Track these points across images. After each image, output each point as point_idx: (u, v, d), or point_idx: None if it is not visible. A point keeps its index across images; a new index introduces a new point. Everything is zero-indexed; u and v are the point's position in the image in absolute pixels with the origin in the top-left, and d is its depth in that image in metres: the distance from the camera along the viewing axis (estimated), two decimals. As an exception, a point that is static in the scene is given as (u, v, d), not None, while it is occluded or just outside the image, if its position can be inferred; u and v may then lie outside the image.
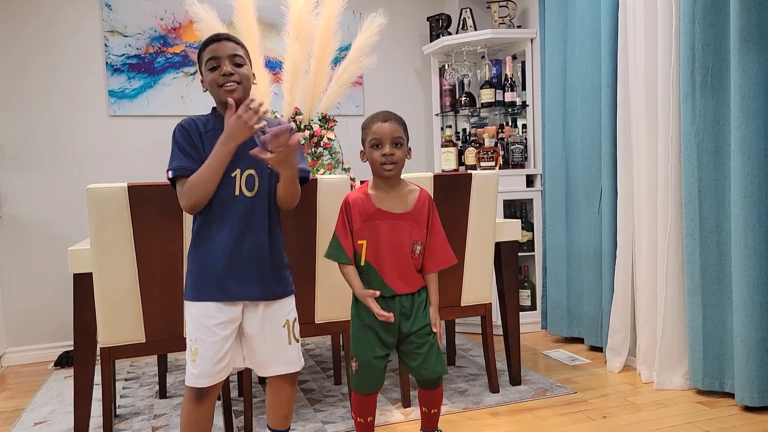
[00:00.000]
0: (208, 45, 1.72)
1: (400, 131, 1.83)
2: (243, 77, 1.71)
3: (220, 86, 1.69)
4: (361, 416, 1.96)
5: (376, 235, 1.86)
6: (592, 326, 3.13)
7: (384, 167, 1.82)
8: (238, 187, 1.70)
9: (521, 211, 3.74)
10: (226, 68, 1.68)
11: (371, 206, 1.86)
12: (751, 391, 2.24)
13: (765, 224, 2.25)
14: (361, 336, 1.89)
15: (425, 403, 2.00)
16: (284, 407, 1.87)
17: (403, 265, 1.88)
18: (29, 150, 3.43)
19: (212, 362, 1.68)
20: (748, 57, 2.22)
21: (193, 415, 1.71)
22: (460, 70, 3.81)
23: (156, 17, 3.59)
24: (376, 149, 1.83)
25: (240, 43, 1.75)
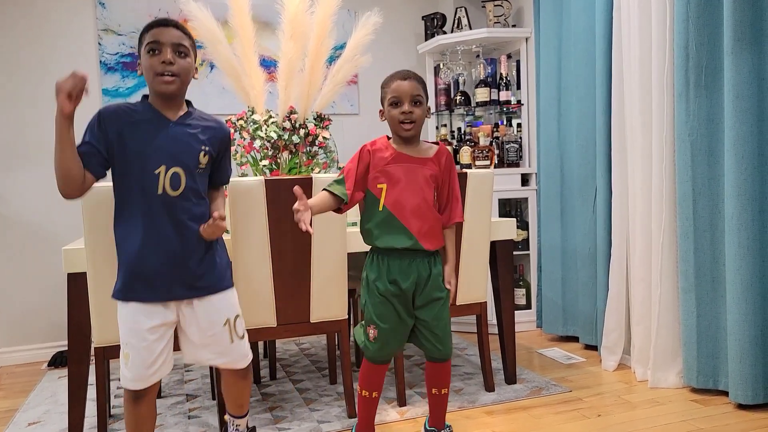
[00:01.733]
0: (152, 27, 1.63)
1: (419, 89, 1.81)
2: (182, 69, 1.63)
3: (157, 74, 1.60)
4: (367, 389, 1.91)
5: (396, 179, 1.81)
6: (586, 325, 3.14)
7: (403, 125, 1.81)
8: (161, 185, 1.62)
9: (516, 210, 3.75)
10: (167, 56, 1.60)
11: (391, 150, 1.84)
12: (745, 389, 2.25)
13: (758, 223, 2.26)
14: (376, 304, 1.84)
15: (434, 383, 1.96)
16: (237, 398, 1.86)
17: (425, 211, 1.82)
18: (22, 149, 3.41)
19: (144, 366, 1.64)
20: (741, 56, 2.23)
21: (133, 415, 1.70)
22: (455, 69, 3.81)
23: (150, 15, 3.57)
24: (395, 107, 1.81)
25: (188, 34, 1.67)
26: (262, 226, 2.18)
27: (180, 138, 1.65)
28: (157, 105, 1.67)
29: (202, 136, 1.71)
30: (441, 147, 1.91)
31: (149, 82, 1.64)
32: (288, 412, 2.44)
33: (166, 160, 1.63)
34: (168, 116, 1.67)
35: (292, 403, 2.54)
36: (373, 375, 1.91)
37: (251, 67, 2.72)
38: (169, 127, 1.66)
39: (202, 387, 2.80)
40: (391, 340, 1.86)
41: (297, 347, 3.46)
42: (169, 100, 1.67)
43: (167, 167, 1.63)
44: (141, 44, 1.65)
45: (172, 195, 1.64)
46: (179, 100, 1.70)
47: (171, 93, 1.63)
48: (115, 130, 1.62)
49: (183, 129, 1.68)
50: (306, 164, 2.72)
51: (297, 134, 2.69)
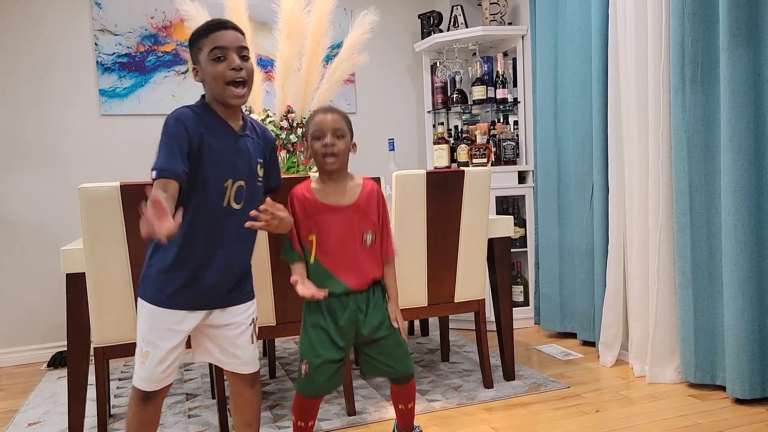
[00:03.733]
0: (212, 31, 1.55)
1: (342, 123, 1.81)
2: (250, 74, 1.58)
3: (227, 83, 1.55)
4: (302, 420, 1.87)
5: (322, 230, 1.82)
6: (584, 321, 3.15)
7: (326, 159, 1.79)
8: (227, 198, 1.60)
9: (513, 207, 3.76)
10: (236, 62, 1.54)
11: (314, 201, 1.83)
12: (743, 384, 2.26)
13: (755, 218, 2.27)
14: (312, 337, 1.82)
15: (400, 400, 1.96)
16: (246, 413, 1.77)
17: (353, 257, 1.83)
18: (20, 150, 3.41)
19: (161, 367, 1.61)
20: (737, 52, 2.24)
21: (138, 417, 1.65)
22: (452, 68, 3.81)
23: (146, 15, 3.58)
24: (317, 141, 1.80)
25: (244, 34, 1.62)
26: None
27: (244, 151, 1.62)
28: (222, 113, 1.62)
29: (259, 148, 1.69)
30: (366, 185, 1.89)
31: (216, 90, 1.57)
32: (287, 410, 2.45)
33: (233, 173, 1.59)
34: (233, 126, 1.63)
35: (291, 401, 2.55)
36: (305, 407, 1.87)
37: (248, 67, 2.72)
38: (236, 139, 1.62)
39: (202, 386, 2.81)
40: (322, 375, 1.81)
41: (296, 345, 3.47)
42: (233, 107, 1.62)
43: (233, 180, 1.60)
44: (198, 49, 1.57)
45: (235, 208, 1.61)
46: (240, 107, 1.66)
47: (242, 103, 1.60)
48: (197, 138, 1.55)
49: (245, 141, 1.64)
50: (304, 163, 2.73)
51: (294, 133, 2.69)
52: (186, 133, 1.52)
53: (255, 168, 1.66)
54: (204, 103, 1.63)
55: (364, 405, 2.45)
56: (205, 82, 1.59)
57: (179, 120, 1.53)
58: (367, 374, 1.95)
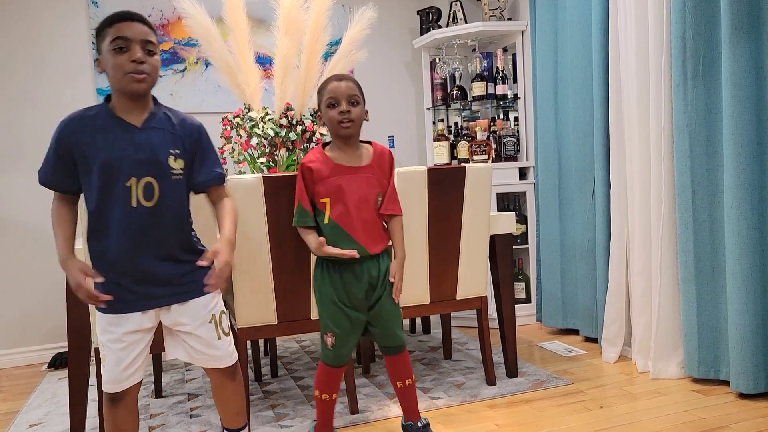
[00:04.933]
0: (116, 22, 1.51)
1: (355, 90, 1.85)
2: (153, 68, 1.53)
3: (126, 73, 1.49)
4: (327, 392, 1.93)
5: (339, 191, 1.84)
6: (587, 317, 3.14)
7: (341, 125, 1.83)
8: (135, 198, 1.54)
9: (514, 204, 3.75)
10: (137, 54, 1.49)
11: (330, 162, 1.86)
12: (746, 379, 2.25)
13: (758, 212, 2.26)
14: (331, 311, 1.88)
15: (397, 376, 1.99)
16: (231, 404, 1.76)
17: (370, 219, 1.88)
18: (17, 151, 3.39)
19: (119, 369, 1.58)
20: (738, 45, 2.22)
21: (110, 419, 1.64)
22: (451, 64, 3.80)
23: (143, 14, 3.55)
24: (332, 108, 1.83)
25: (153, 29, 1.57)
26: (261, 222, 2.17)
27: (146, 145, 1.55)
28: (121, 108, 1.56)
29: (170, 139, 1.60)
30: (377, 148, 1.94)
31: (116, 81, 1.52)
32: (290, 409, 2.44)
33: (135, 171, 1.53)
34: (132, 121, 1.56)
35: (293, 400, 2.54)
36: (332, 379, 1.94)
37: (247, 64, 2.71)
38: (134, 134, 1.55)
39: (203, 386, 2.80)
40: (347, 344, 1.91)
41: (297, 344, 3.46)
42: (136, 100, 1.56)
43: (138, 178, 1.54)
44: (101, 39, 1.52)
45: (147, 206, 1.55)
46: (146, 99, 1.59)
47: (142, 92, 1.54)
48: (79, 148, 1.53)
49: (149, 134, 1.57)
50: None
51: (294, 131, 2.68)
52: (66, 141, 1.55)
53: (165, 161, 1.57)
54: (104, 103, 1.59)
55: (366, 404, 2.44)
56: (106, 73, 1.54)
57: (60, 134, 1.55)
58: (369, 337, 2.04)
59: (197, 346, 1.66)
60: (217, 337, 1.68)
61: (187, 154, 1.64)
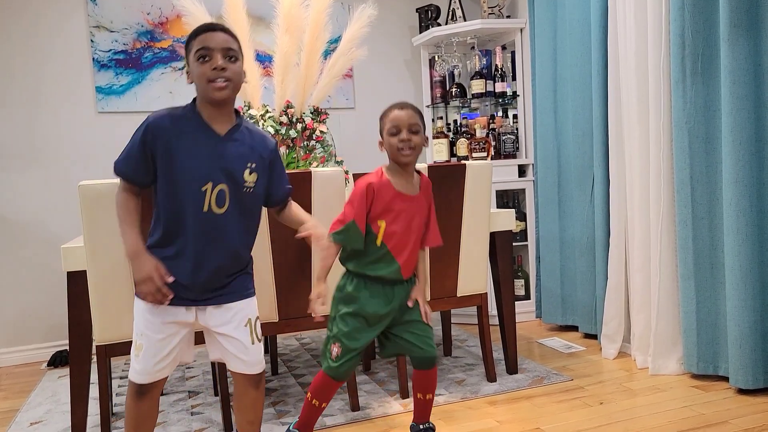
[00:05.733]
0: (200, 33, 1.59)
1: (416, 118, 1.90)
2: (235, 74, 1.60)
3: (209, 81, 1.56)
4: (318, 399, 1.94)
5: (397, 217, 1.88)
6: (586, 314, 3.15)
7: (402, 152, 1.87)
8: (207, 203, 1.59)
9: (513, 201, 3.75)
10: (219, 62, 1.56)
11: (392, 189, 1.90)
12: (745, 374, 2.26)
13: (756, 209, 2.27)
14: (350, 324, 1.88)
15: (420, 388, 2.01)
16: (249, 412, 1.77)
17: (414, 247, 1.93)
18: (17, 149, 3.39)
19: (154, 360, 1.63)
20: (737, 43, 2.23)
21: (134, 410, 1.68)
22: (450, 61, 3.80)
23: (143, 12, 3.55)
24: (394, 136, 1.87)
25: (235, 36, 1.63)
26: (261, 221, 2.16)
27: (227, 155, 1.61)
28: (207, 114, 1.62)
29: (248, 153, 1.66)
30: (424, 179, 1.99)
31: (201, 89, 1.59)
32: (291, 406, 2.44)
33: (213, 176, 1.59)
34: (217, 129, 1.62)
35: (294, 397, 2.55)
36: (328, 388, 1.93)
37: (247, 62, 2.70)
38: (217, 143, 1.61)
39: (204, 383, 2.80)
40: (353, 360, 1.90)
41: (297, 342, 3.47)
42: (220, 107, 1.61)
43: (214, 184, 1.59)
44: (188, 51, 1.60)
45: (218, 212, 1.60)
46: (229, 108, 1.65)
47: (224, 99, 1.59)
48: (163, 145, 1.57)
49: (230, 145, 1.63)
50: (304, 158, 2.72)
51: (294, 129, 2.68)
52: (150, 140, 1.57)
53: (241, 173, 1.63)
54: (192, 105, 1.64)
55: (367, 400, 2.45)
56: (194, 83, 1.61)
57: (149, 126, 1.58)
58: (385, 356, 2.05)
59: (230, 348, 1.68)
60: (251, 342, 1.70)
61: (262, 169, 1.68)
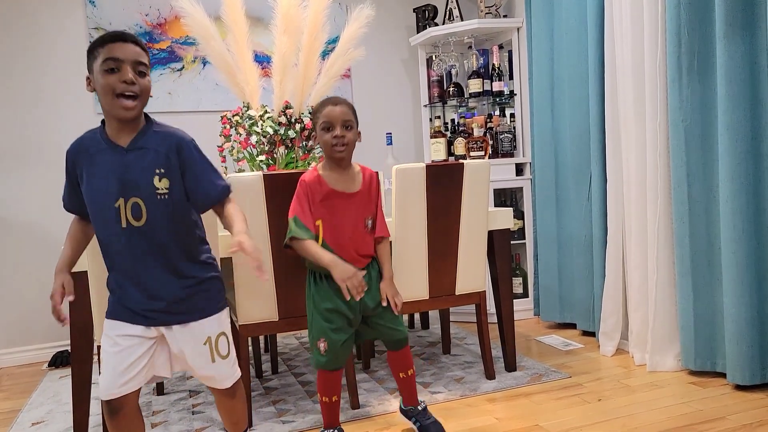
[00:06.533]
0: (108, 42, 1.49)
1: (350, 114, 1.92)
2: (143, 90, 1.52)
3: (117, 95, 1.48)
4: (327, 395, 1.99)
5: (332, 215, 1.93)
6: (584, 311, 3.17)
7: (335, 149, 1.90)
8: (124, 219, 1.54)
9: (511, 199, 3.77)
10: (128, 75, 1.48)
11: (326, 186, 1.93)
12: (743, 371, 2.28)
13: (753, 206, 2.28)
14: (326, 318, 1.94)
15: (398, 368, 2.09)
16: (230, 416, 1.77)
17: (359, 240, 1.97)
18: (16, 150, 3.40)
19: (114, 374, 1.56)
20: (733, 41, 2.25)
21: (111, 428, 1.62)
22: (448, 61, 3.82)
23: (141, 13, 3.56)
24: (327, 132, 1.90)
25: (146, 50, 1.56)
26: (261, 219, 2.18)
27: (132, 166, 1.54)
28: (111, 130, 1.55)
29: (154, 158, 1.56)
30: (365, 172, 2.01)
31: (106, 103, 1.51)
32: (291, 405, 2.46)
33: (122, 192, 1.53)
34: (120, 143, 1.55)
35: (295, 396, 2.56)
36: (330, 382, 2.00)
37: (245, 63, 2.72)
38: (122, 156, 1.54)
39: (205, 383, 2.81)
40: (340, 348, 1.96)
41: (297, 341, 3.48)
42: (124, 123, 1.55)
43: (126, 199, 1.53)
44: (93, 58, 1.51)
45: (137, 225, 1.54)
46: (136, 120, 1.57)
47: (131, 118, 1.53)
48: (79, 170, 1.57)
49: (134, 155, 1.55)
50: (302, 159, 2.73)
51: (293, 129, 2.69)
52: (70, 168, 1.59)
53: (150, 181, 1.54)
54: (101, 124, 1.59)
55: (367, 398, 2.46)
56: (97, 93, 1.53)
57: (67, 155, 1.59)
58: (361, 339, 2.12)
59: (194, 365, 1.64)
60: (211, 360, 1.64)
61: (172, 172, 1.57)
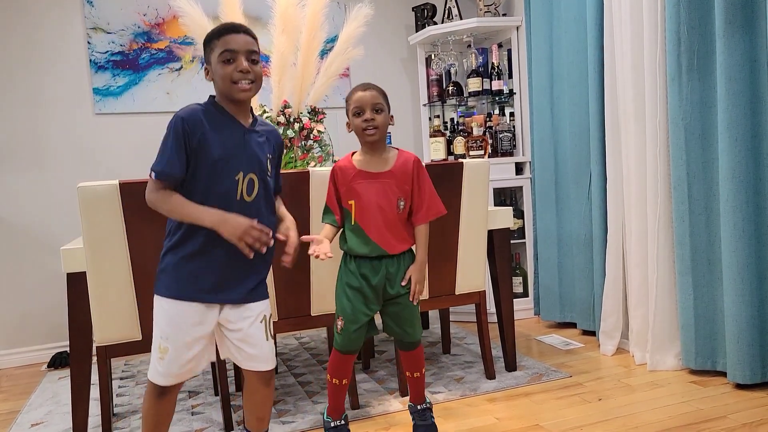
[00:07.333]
0: (223, 34, 1.62)
1: (379, 98, 1.96)
2: (257, 76, 1.65)
3: (234, 83, 1.61)
4: (337, 377, 2.02)
5: (360, 195, 1.95)
6: (584, 311, 3.16)
7: (366, 132, 1.93)
8: (239, 191, 1.64)
9: (511, 198, 3.76)
10: (243, 65, 1.60)
11: (353, 169, 1.97)
12: (743, 369, 2.28)
13: (753, 205, 2.28)
14: (348, 296, 1.97)
15: (408, 367, 2.10)
16: (259, 409, 1.79)
17: (390, 221, 1.96)
18: (14, 151, 3.39)
19: (180, 363, 1.64)
20: (733, 39, 2.24)
21: (154, 410, 1.70)
22: (447, 60, 3.81)
23: (139, 13, 3.55)
24: (358, 117, 1.94)
25: (256, 38, 1.67)
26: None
27: (252, 145, 1.67)
28: (231, 110, 1.67)
29: (267, 143, 1.73)
30: (402, 154, 2.02)
31: (224, 89, 1.63)
32: (291, 405, 2.45)
33: (243, 166, 1.64)
34: (242, 122, 1.68)
35: (294, 396, 2.55)
36: (342, 364, 2.02)
37: (244, 63, 2.71)
38: (244, 134, 1.67)
39: (204, 383, 2.81)
40: (356, 327, 1.98)
41: (297, 341, 3.47)
42: (241, 105, 1.67)
43: (244, 173, 1.64)
44: (210, 50, 1.64)
45: (248, 201, 1.65)
46: (249, 104, 1.71)
47: (248, 99, 1.65)
48: (198, 137, 1.60)
49: (254, 135, 1.69)
50: (301, 158, 2.72)
51: (292, 128, 2.69)
52: (187, 133, 1.58)
53: (265, 162, 1.70)
54: (213, 101, 1.68)
55: (367, 399, 2.46)
56: (215, 81, 1.65)
57: (183, 119, 1.58)
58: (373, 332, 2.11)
59: (243, 345, 1.69)
60: (265, 338, 1.72)
61: (274, 159, 1.75)
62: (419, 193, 2.00)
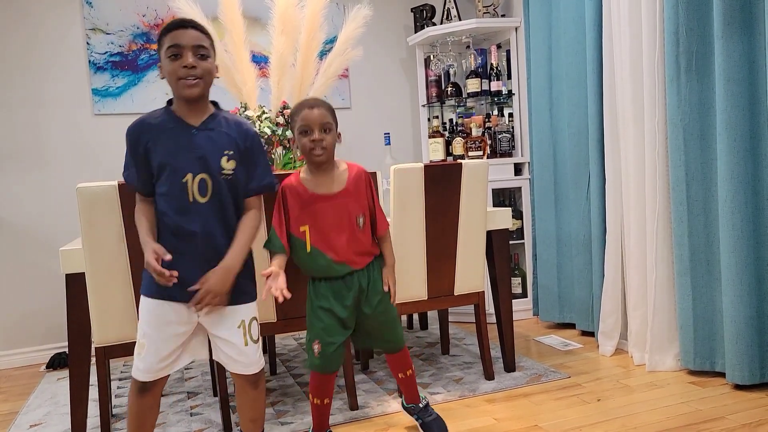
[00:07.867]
0: (171, 30, 1.61)
1: (328, 116, 1.86)
2: (205, 72, 1.62)
3: (179, 79, 1.60)
4: (319, 397, 1.99)
5: (316, 219, 1.89)
6: (583, 311, 3.16)
7: (313, 152, 1.85)
8: (190, 194, 1.64)
9: (510, 199, 3.76)
10: (189, 60, 1.59)
11: (306, 192, 1.90)
12: (742, 370, 2.28)
13: (752, 205, 2.28)
14: (323, 319, 1.93)
15: (397, 368, 2.09)
16: (250, 411, 1.80)
17: (352, 239, 1.92)
18: (13, 152, 3.39)
19: (157, 359, 1.67)
20: (731, 40, 2.25)
21: (136, 406, 1.72)
22: (446, 61, 3.81)
23: (138, 14, 3.55)
24: (305, 135, 1.85)
25: (206, 33, 1.65)
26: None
27: (202, 144, 1.65)
28: (181, 110, 1.67)
29: (225, 140, 1.69)
30: (352, 169, 1.95)
31: (172, 86, 1.63)
32: (290, 406, 2.45)
33: (191, 167, 1.63)
34: (191, 122, 1.67)
35: (293, 397, 2.55)
36: (323, 384, 1.99)
37: (243, 63, 2.72)
38: (191, 134, 1.66)
39: (203, 384, 2.81)
40: (333, 353, 1.94)
41: (295, 342, 3.47)
42: (193, 103, 1.66)
43: (194, 174, 1.63)
44: (160, 47, 1.63)
45: (202, 202, 1.65)
46: (203, 102, 1.69)
47: (195, 96, 1.63)
48: (143, 146, 1.65)
49: (206, 134, 1.67)
50: (300, 159, 2.72)
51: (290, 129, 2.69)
52: (133, 144, 1.67)
53: (218, 160, 1.67)
54: (167, 105, 1.70)
55: (366, 399, 2.46)
56: (167, 80, 1.65)
57: (128, 132, 1.67)
58: (357, 346, 2.13)
59: (226, 349, 1.72)
60: (244, 344, 1.72)
61: (240, 156, 1.70)
62: (375, 204, 1.99)
